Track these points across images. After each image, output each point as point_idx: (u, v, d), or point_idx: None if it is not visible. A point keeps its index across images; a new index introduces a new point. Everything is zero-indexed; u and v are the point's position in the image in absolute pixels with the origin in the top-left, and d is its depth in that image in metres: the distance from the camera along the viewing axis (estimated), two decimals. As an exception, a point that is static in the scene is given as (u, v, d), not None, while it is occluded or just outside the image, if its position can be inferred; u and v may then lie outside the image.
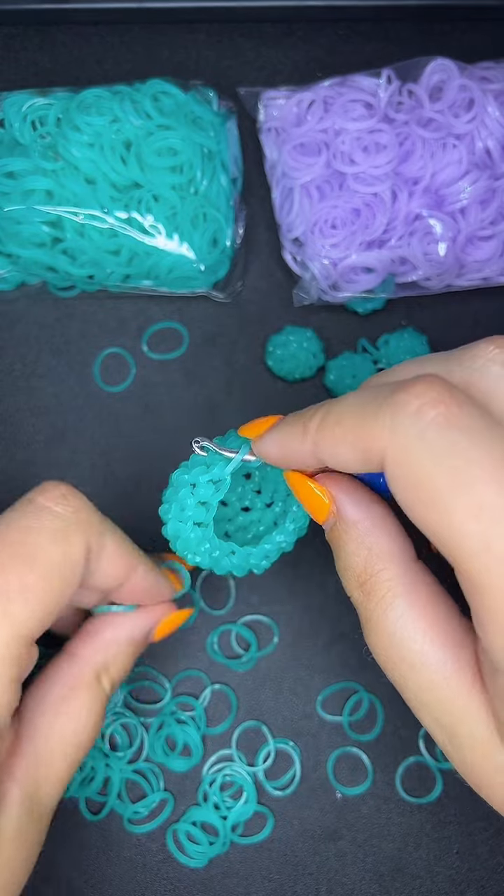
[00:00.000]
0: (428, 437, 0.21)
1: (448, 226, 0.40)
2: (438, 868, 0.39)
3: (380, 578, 0.25)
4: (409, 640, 0.24)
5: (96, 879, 0.38)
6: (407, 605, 0.24)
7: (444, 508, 0.20)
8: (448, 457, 0.20)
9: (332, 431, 0.24)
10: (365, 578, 0.25)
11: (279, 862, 0.38)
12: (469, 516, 0.20)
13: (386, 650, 0.25)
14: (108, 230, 0.39)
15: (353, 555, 0.26)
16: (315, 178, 0.41)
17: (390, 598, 0.24)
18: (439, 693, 0.24)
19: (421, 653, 0.24)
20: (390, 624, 0.24)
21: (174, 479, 0.30)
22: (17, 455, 0.42)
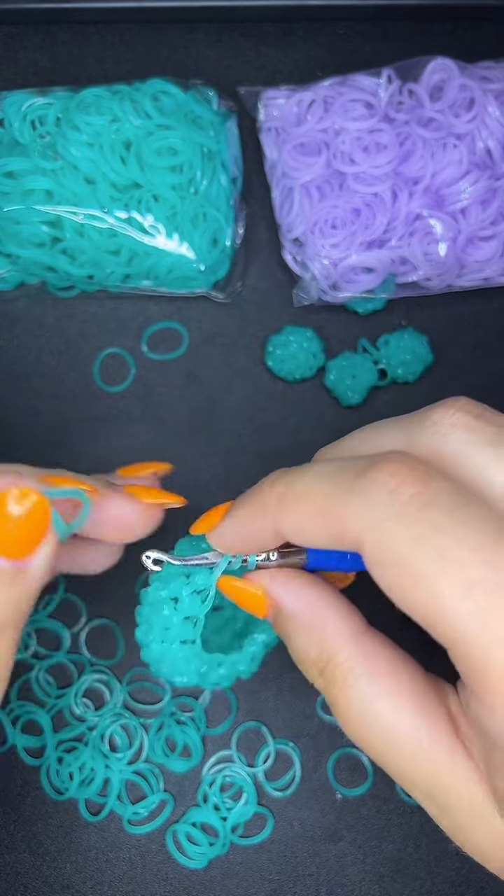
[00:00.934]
0: (407, 518, 0.20)
1: (448, 226, 0.40)
2: (438, 869, 0.39)
3: (336, 662, 0.24)
4: (379, 717, 0.23)
5: (96, 880, 0.38)
6: (368, 684, 0.24)
7: (432, 591, 0.20)
8: (431, 537, 0.20)
9: (296, 508, 0.23)
10: (322, 665, 0.25)
11: (279, 863, 0.38)
12: (460, 596, 0.19)
13: (358, 732, 0.24)
14: (107, 230, 0.39)
15: (303, 646, 0.25)
16: (315, 177, 0.41)
17: (351, 680, 0.24)
18: (421, 766, 0.23)
19: (393, 728, 0.23)
20: (357, 706, 0.24)
21: (150, 596, 0.28)
22: (17, 456, 0.42)
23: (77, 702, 0.39)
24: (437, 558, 0.20)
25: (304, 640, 0.25)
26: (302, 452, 0.42)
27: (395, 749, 0.23)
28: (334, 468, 0.23)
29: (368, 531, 0.21)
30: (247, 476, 0.41)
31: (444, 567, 0.20)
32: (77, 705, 0.39)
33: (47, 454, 0.42)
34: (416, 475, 0.21)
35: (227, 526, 0.26)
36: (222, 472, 0.42)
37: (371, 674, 0.24)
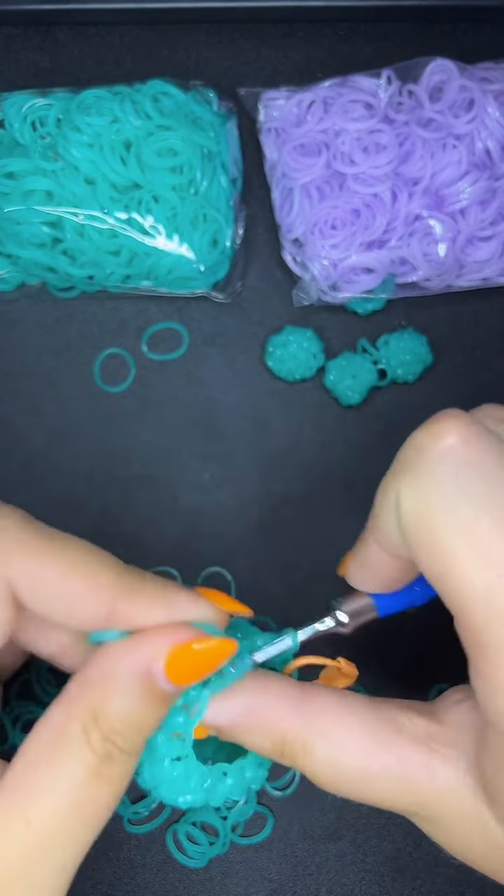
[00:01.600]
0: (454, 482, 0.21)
1: (448, 226, 0.40)
2: (438, 869, 0.39)
3: (288, 742, 0.25)
4: (347, 769, 0.24)
5: (96, 880, 0.38)
6: (324, 745, 0.24)
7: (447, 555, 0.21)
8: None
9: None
10: (280, 751, 0.25)
11: (279, 862, 0.38)
12: (472, 565, 0.20)
13: (336, 788, 0.25)
14: (107, 231, 0.39)
15: (255, 744, 0.25)
16: (315, 178, 0.41)
17: (307, 749, 0.24)
18: (403, 792, 0.23)
19: (364, 773, 0.24)
20: (322, 768, 0.25)
21: None
22: (16, 456, 0.42)
23: (77, 701, 0.39)
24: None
25: (252, 739, 0.25)
26: (301, 453, 0.42)
27: (374, 788, 0.24)
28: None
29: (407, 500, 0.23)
30: (247, 476, 0.42)
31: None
32: None
33: (47, 454, 0.42)
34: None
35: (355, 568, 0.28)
36: (222, 472, 0.42)
37: (322, 735, 0.24)
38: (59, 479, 0.42)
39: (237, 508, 0.41)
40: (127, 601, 0.24)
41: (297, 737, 0.25)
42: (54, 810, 0.22)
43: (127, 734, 0.23)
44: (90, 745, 0.23)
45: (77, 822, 0.23)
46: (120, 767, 0.24)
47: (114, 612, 0.24)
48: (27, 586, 0.24)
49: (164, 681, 0.23)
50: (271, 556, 0.41)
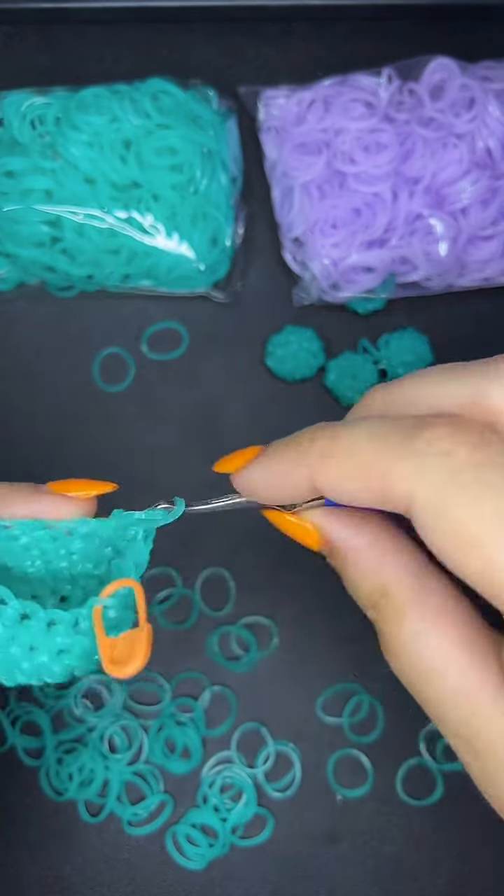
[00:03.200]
0: (463, 479, 0.19)
1: (449, 225, 0.40)
2: (439, 870, 0.38)
3: (389, 597, 0.23)
4: (427, 655, 0.23)
5: (95, 882, 0.38)
6: (420, 619, 0.23)
7: (488, 555, 0.19)
8: (487, 500, 0.19)
9: (340, 464, 0.22)
10: (375, 600, 0.24)
11: (279, 864, 0.38)
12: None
13: (404, 666, 0.23)
14: (107, 230, 0.39)
15: (356, 581, 0.24)
16: (315, 177, 0.41)
17: (402, 615, 0.23)
18: (462, 705, 0.22)
19: (440, 668, 0.22)
20: (406, 641, 0.23)
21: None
22: (16, 456, 0.42)
23: (77, 703, 0.39)
24: (493, 523, 0.19)
25: (360, 574, 0.24)
26: (302, 453, 0.42)
27: (438, 688, 0.22)
28: (383, 426, 0.22)
29: (420, 493, 0.20)
30: (247, 476, 0.42)
31: (499, 532, 0.19)
32: (77, 706, 0.39)
33: (47, 454, 0.42)
34: (471, 437, 0.20)
35: (258, 471, 0.25)
36: (222, 472, 0.42)
37: (424, 611, 0.23)
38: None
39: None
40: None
41: (399, 597, 0.23)
42: None
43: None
44: None
45: None
46: None
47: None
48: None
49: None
50: (271, 555, 0.41)
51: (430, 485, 0.20)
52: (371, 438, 0.22)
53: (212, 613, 0.40)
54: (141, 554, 0.27)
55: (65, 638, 0.25)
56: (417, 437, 0.21)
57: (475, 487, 0.19)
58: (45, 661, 0.25)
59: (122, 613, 0.26)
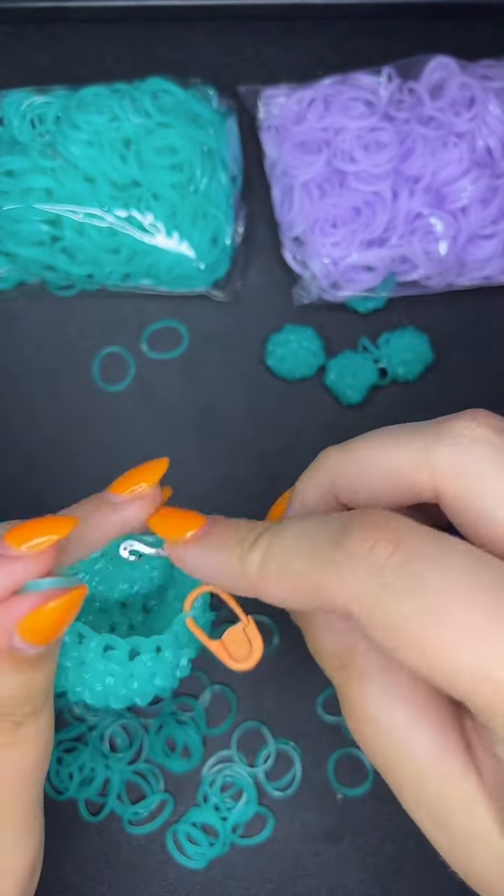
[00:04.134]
0: (389, 581, 0.20)
1: (449, 224, 0.40)
2: (440, 870, 0.38)
3: (355, 655, 0.23)
4: (391, 726, 0.22)
5: (96, 881, 0.38)
6: (386, 688, 0.23)
7: (430, 651, 0.19)
8: (417, 597, 0.19)
9: (277, 581, 0.22)
10: (341, 661, 0.24)
11: (279, 863, 0.38)
12: (459, 651, 0.19)
13: (367, 736, 0.23)
14: (107, 229, 0.39)
15: (322, 639, 0.24)
16: (315, 176, 0.41)
17: (369, 683, 0.23)
18: (429, 782, 0.22)
19: (404, 739, 0.22)
20: (370, 710, 0.23)
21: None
22: (16, 456, 0.42)
23: (77, 702, 0.39)
24: (428, 617, 0.19)
25: (322, 635, 0.24)
26: (302, 452, 0.42)
27: (404, 762, 0.22)
28: (311, 532, 0.22)
29: (354, 599, 0.20)
30: (247, 476, 0.41)
31: (437, 624, 0.19)
32: (77, 705, 0.39)
33: (47, 453, 0.42)
34: (389, 534, 0.20)
35: (196, 557, 0.25)
36: (222, 472, 0.42)
37: (388, 676, 0.23)
38: (59, 478, 0.42)
39: (237, 508, 0.41)
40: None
41: (363, 656, 0.23)
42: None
43: (19, 703, 0.24)
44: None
45: (13, 780, 0.25)
46: (29, 728, 0.24)
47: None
48: None
49: (30, 648, 0.24)
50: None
51: (359, 593, 0.20)
52: (298, 553, 0.22)
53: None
54: None
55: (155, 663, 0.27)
56: (338, 546, 0.21)
57: (404, 587, 0.20)
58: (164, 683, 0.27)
59: (204, 618, 0.28)
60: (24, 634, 0.23)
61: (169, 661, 0.27)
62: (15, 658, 0.23)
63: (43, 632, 0.23)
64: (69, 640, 0.26)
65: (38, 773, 0.26)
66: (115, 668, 0.26)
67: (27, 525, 0.24)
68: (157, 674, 0.27)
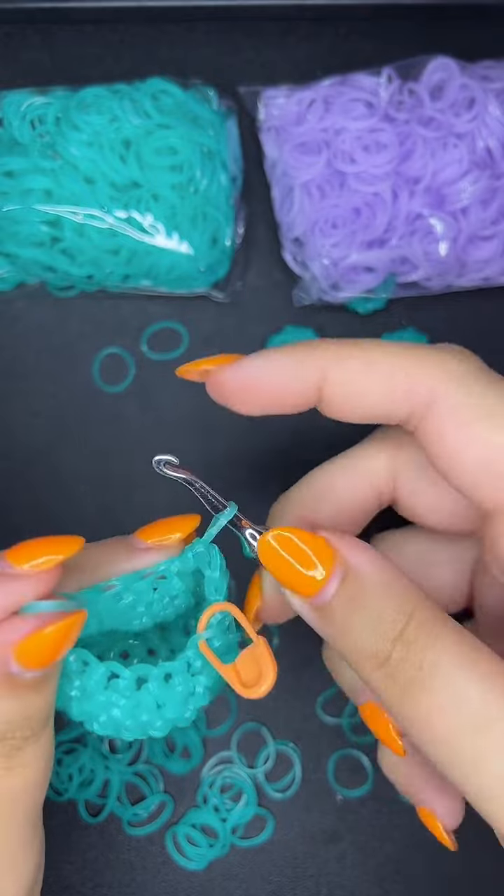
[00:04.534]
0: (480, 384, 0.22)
1: (449, 225, 0.40)
2: (439, 870, 0.38)
3: (419, 619, 0.21)
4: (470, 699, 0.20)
5: (95, 882, 0.38)
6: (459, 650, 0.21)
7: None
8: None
9: (359, 364, 0.21)
10: (388, 651, 0.21)
11: (279, 864, 0.38)
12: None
13: (437, 720, 0.21)
14: (107, 230, 0.39)
15: (368, 621, 0.22)
16: (315, 177, 0.41)
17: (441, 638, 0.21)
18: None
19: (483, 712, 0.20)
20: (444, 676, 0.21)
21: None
22: (16, 456, 0.42)
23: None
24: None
25: (377, 605, 0.22)
26: (302, 453, 0.42)
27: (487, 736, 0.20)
28: (393, 345, 0.23)
29: (443, 384, 0.22)
30: (247, 476, 0.41)
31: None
32: None
33: (47, 454, 0.42)
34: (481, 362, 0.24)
35: (258, 365, 0.23)
36: (222, 472, 0.42)
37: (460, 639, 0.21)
38: (59, 479, 0.42)
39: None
40: (78, 570, 0.25)
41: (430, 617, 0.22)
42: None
43: (17, 728, 0.23)
44: None
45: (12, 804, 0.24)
46: (27, 752, 0.24)
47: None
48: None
49: (26, 672, 0.23)
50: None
51: (452, 382, 0.22)
52: (386, 350, 0.22)
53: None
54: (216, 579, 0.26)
55: (183, 686, 0.25)
56: (432, 350, 0.23)
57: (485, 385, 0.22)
58: (175, 714, 0.25)
59: (225, 639, 0.26)
60: (20, 659, 0.22)
61: (179, 690, 0.25)
62: (11, 682, 0.23)
63: (40, 656, 0.23)
64: (74, 668, 0.25)
65: (38, 795, 0.25)
66: (119, 698, 0.25)
67: (31, 543, 0.23)
68: (168, 704, 0.25)
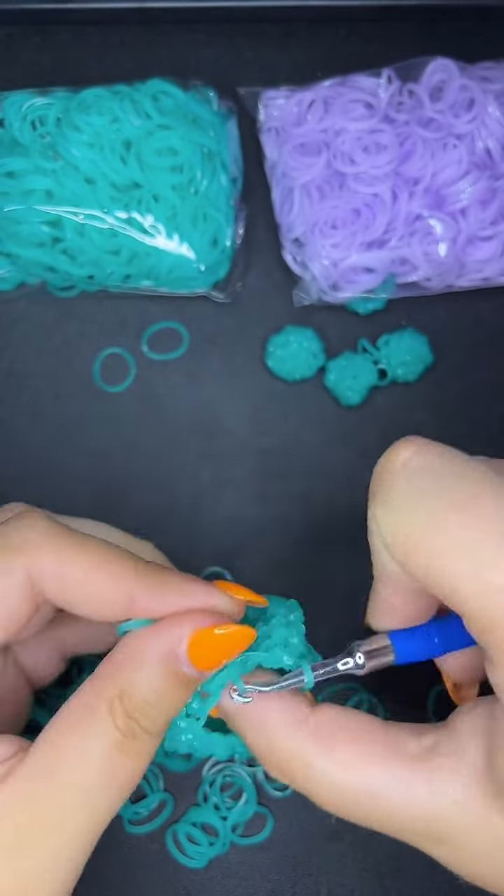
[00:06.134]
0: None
1: (448, 226, 0.40)
2: (439, 868, 0.38)
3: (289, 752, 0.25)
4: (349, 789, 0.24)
5: (95, 881, 0.38)
6: (325, 762, 0.24)
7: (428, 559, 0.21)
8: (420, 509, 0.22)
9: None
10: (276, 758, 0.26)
11: (279, 862, 0.38)
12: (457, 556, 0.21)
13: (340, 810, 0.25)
14: (107, 230, 0.39)
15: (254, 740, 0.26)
16: (315, 178, 0.41)
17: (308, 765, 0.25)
18: (409, 813, 0.24)
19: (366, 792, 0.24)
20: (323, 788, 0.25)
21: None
22: (16, 456, 0.42)
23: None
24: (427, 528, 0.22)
25: (254, 734, 0.25)
26: (302, 453, 0.42)
27: (375, 807, 0.24)
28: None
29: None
30: (247, 476, 0.42)
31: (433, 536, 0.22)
32: None
33: (47, 454, 0.42)
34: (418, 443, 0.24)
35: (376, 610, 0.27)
36: (222, 473, 0.42)
37: (324, 754, 0.24)
38: (59, 479, 0.42)
39: (237, 508, 0.41)
40: (146, 591, 0.25)
41: (298, 749, 0.25)
42: (80, 777, 0.24)
43: (149, 713, 0.24)
44: (114, 722, 0.24)
45: (101, 791, 0.24)
46: (142, 744, 0.24)
47: (134, 602, 0.25)
48: (53, 582, 0.25)
49: (187, 663, 0.25)
50: (271, 555, 0.41)
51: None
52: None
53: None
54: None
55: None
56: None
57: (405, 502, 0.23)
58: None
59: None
60: (190, 649, 0.24)
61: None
62: (173, 667, 0.24)
63: (206, 654, 0.25)
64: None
65: (107, 812, 0.25)
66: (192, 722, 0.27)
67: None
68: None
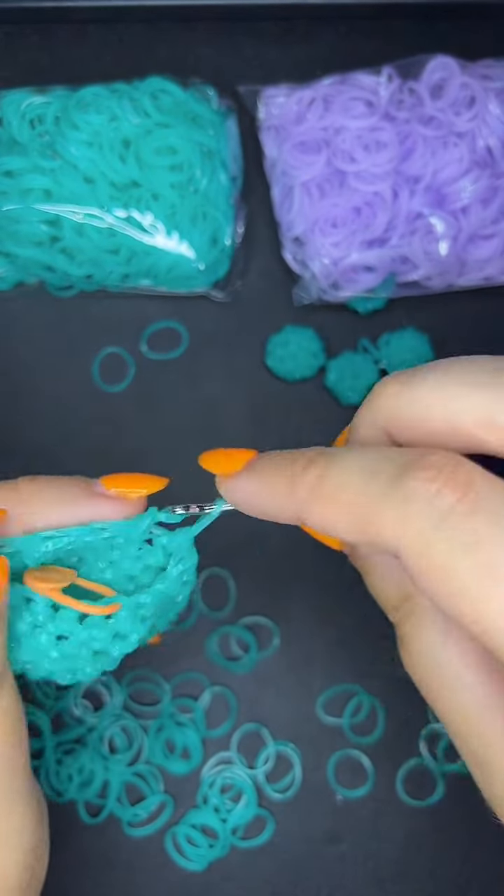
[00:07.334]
0: (447, 527, 0.19)
1: (449, 224, 0.40)
2: (440, 871, 0.38)
3: (413, 603, 0.23)
4: (446, 664, 0.22)
5: (95, 883, 0.38)
6: (441, 631, 0.22)
7: (478, 608, 0.19)
8: (475, 550, 0.19)
9: (327, 502, 0.22)
10: (399, 602, 0.23)
11: (279, 865, 0.38)
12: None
13: (421, 673, 0.23)
14: (106, 229, 0.39)
15: (380, 582, 0.24)
16: (315, 176, 0.41)
17: (423, 623, 0.23)
18: (472, 720, 0.22)
19: (457, 678, 0.22)
20: (423, 650, 0.23)
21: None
22: (15, 456, 0.42)
23: (76, 703, 0.39)
24: (481, 573, 0.18)
25: (384, 579, 0.24)
26: (302, 452, 0.42)
27: (454, 698, 0.22)
28: (375, 460, 0.21)
29: (407, 540, 0.20)
30: (247, 476, 0.41)
31: (489, 583, 0.18)
32: (76, 707, 0.39)
33: (47, 454, 0.42)
34: (457, 480, 0.19)
35: (246, 484, 0.25)
36: (222, 472, 0.41)
37: (447, 623, 0.22)
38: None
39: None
40: (26, 506, 0.25)
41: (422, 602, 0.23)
42: None
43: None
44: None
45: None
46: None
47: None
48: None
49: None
50: (271, 555, 0.41)
51: (415, 532, 0.19)
52: (358, 477, 0.21)
53: (211, 614, 0.40)
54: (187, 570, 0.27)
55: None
56: (401, 480, 0.20)
57: (461, 537, 0.19)
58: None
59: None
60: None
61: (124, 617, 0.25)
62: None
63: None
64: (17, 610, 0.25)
65: (10, 751, 0.24)
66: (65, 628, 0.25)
67: (123, 476, 0.25)
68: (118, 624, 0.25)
